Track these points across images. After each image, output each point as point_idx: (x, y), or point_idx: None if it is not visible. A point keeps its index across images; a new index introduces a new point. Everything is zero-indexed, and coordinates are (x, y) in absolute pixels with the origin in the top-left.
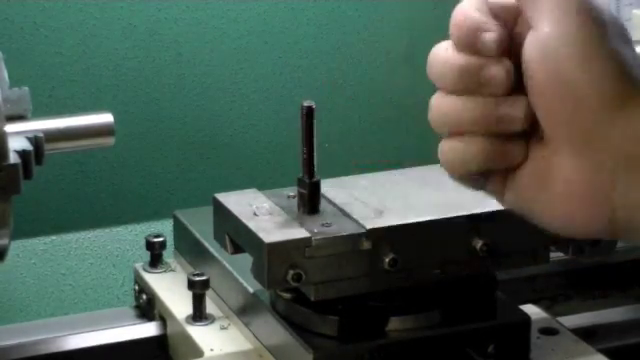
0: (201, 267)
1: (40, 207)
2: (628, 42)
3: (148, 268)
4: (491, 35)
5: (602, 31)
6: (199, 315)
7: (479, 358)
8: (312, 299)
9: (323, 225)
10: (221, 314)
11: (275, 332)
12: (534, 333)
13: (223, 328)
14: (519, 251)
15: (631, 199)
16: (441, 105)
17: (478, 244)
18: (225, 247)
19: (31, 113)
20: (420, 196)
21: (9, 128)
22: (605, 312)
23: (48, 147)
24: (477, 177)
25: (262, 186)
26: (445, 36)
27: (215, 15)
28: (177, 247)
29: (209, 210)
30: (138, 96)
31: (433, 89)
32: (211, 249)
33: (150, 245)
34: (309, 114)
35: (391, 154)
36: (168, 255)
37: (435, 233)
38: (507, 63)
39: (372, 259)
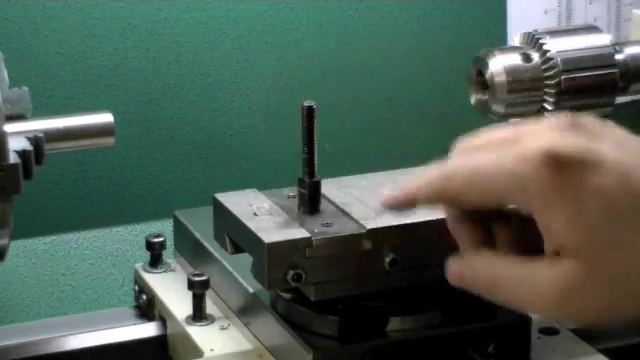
0: (201, 267)
1: (40, 207)
2: None
3: (148, 268)
4: None
5: None
6: (199, 315)
7: (479, 358)
8: (312, 299)
9: (323, 225)
10: (221, 314)
11: (275, 332)
12: (534, 333)
13: (223, 328)
14: None
15: None
16: None
17: None
18: (225, 247)
19: (31, 113)
20: None
21: (9, 128)
22: None
23: (48, 147)
24: None
25: (262, 186)
26: (444, 36)
27: (215, 15)
28: (177, 247)
29: (209, 210)
30: (138, 96)
31: (433, 90)
32: (211, 249)
33: (150, 245)
34: (309, 114)
35: (391, 154)
36: (168, 255)
37: (435, 233)
38: None
39: (372, 259)
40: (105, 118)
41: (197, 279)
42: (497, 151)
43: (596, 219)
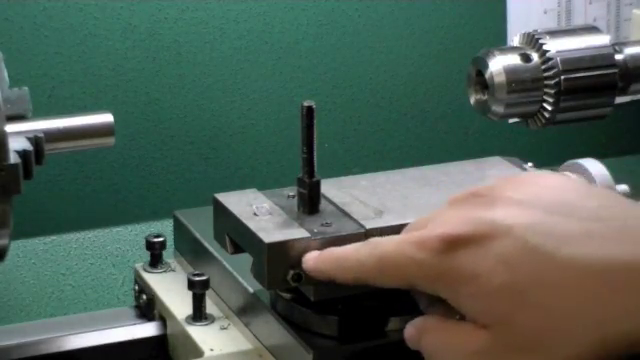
0: (201, 267)
1: (40, 207)
2: None
3: (148, 268)
4: None
5: None
6: (199, 315)
7: None
8: (312, 299)
9: (323, 225)
10: (221, 314)
11: (275, 332)
12: None
13: (223, 328)
14: None
15: None
16: None
17: None
18: (225, 247)
19: (31, 113)
20: (420, 196)
21: (9, 128)
22: None
23: (48, 147)
24: None
25: (262, 186)
26: (444, 36)
27: (215, 15)
28: (177, 247)
29: (209, 210)
30: (138, 96)
31: (433, 90)
32: (211, 249)
33: (150, 245)
34: (309, 114)
35: (391, 154)
36: (168, 255)
37: None
38: None
39: None
40: (105, 118)
41: (197, 279)
42: (402, 237)
43: (498, 285)
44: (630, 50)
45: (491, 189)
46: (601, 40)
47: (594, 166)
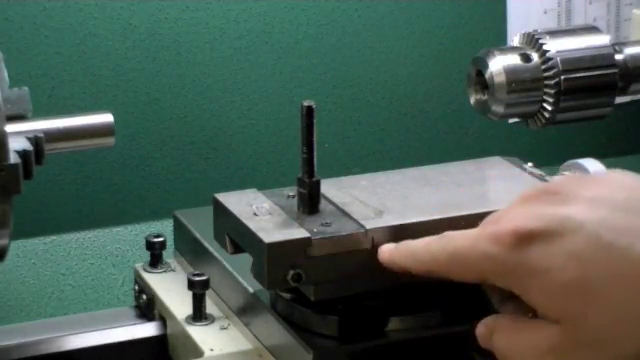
0: (201, 267)
1: (40, 207)
2: None
3: (148, 268)
4: None
5: None
6: (199, 315)
7: (479, 358)
8: (312, 299)
9: (323, 225)
10: (221, 314)
11: (275, 332)
12: None
13: (223, 328)
14: None
15: None
16: None
17: None
18: (225, 247)
19: (31, 113)
20: (420, 196)
21: (9, 128)
22: None
23: (48, 147)
24: None
25: (262, 186)
26: (444, 36)
27: (215, 15)
28: (177, 247)
29: (209, 210)
30: (138, 96)
31: (433, 90)
32: (211, 249)
33: (150, 245)
34: (309, 114)
35: (391, 154)
36: (168, 255)
37: (435, 233)
38: None
39: (372, 259)
40: (105, 118)
41: (197, 279)
42: (476, 232)
43: (568, 281)
44: (630, 50)
45: (563, 187)
46: (601, 40)
47: (594, 166)
